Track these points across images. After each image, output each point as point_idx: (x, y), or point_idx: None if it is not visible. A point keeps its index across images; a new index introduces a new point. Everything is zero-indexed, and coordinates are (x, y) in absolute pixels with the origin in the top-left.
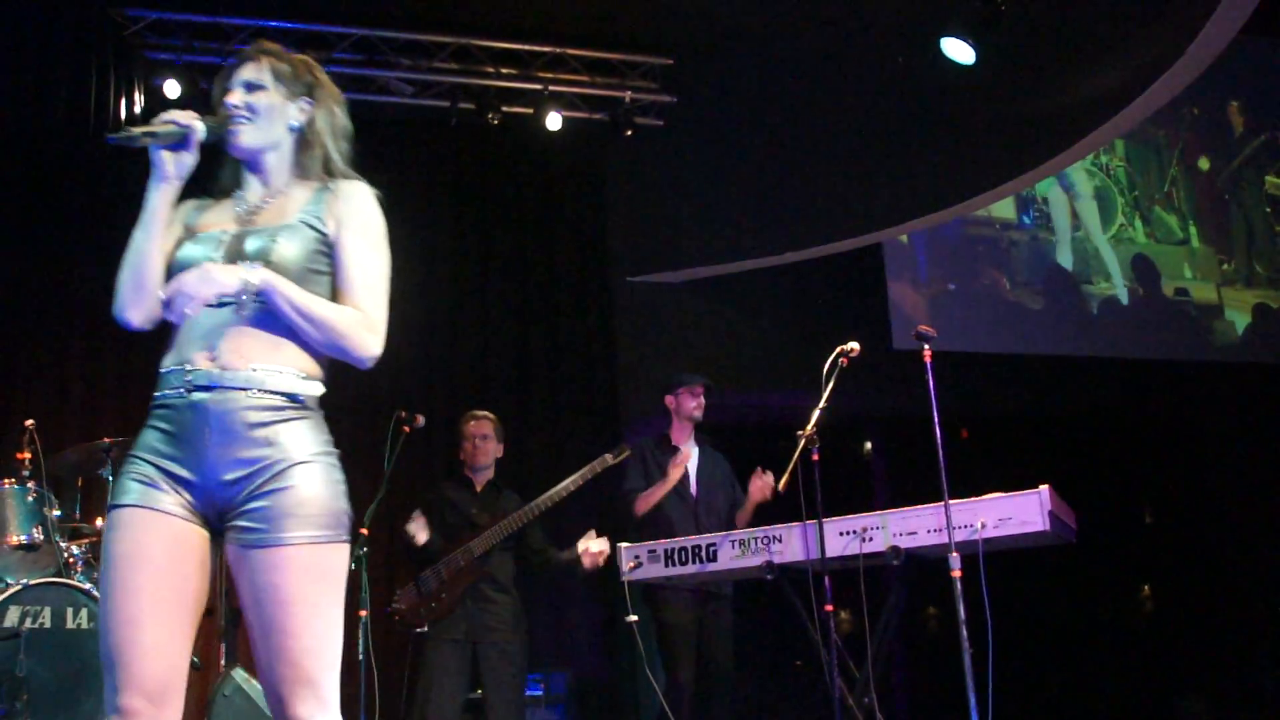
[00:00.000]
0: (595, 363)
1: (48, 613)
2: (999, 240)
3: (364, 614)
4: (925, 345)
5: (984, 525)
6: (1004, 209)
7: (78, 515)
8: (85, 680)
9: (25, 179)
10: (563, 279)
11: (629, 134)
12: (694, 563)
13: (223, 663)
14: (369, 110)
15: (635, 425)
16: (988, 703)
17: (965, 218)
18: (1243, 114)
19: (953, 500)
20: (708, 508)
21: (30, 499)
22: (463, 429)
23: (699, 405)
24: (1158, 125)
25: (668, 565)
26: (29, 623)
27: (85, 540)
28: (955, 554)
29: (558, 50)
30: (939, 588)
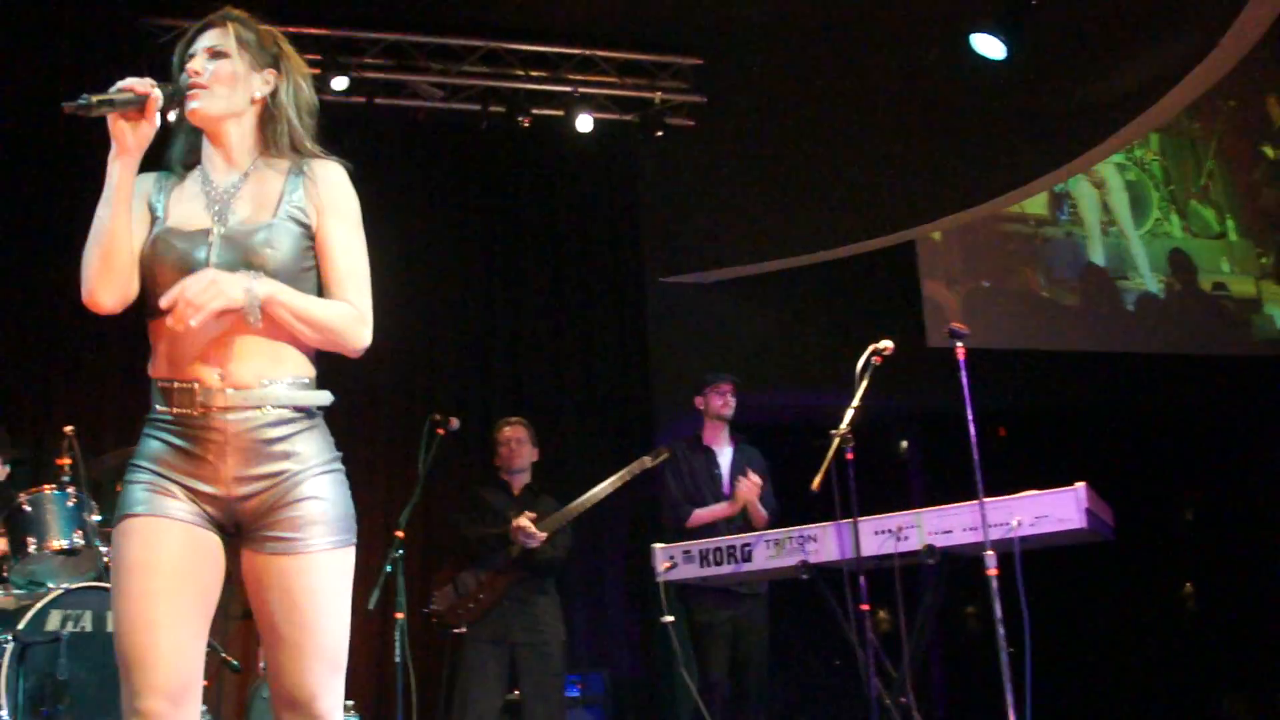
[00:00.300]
0: (628, 364)
1: (88, 616)
2: (1033, 237)
3: (400, 616)
4: (959, 342)
5: (1020, 523)
6: (1037, 205)
7: None
8: None
9: (63, 189)
10: (595, 280)
11: (659, 135)
12: (729, 563)
13: (261, 665)
14: (400, 115)
15: (668, 426)
16: (1026, 702)
17: (999, 214)
18: None
19: (988, 498)
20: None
21: (70, 504)
22: (496, 434)
23: (725, 403)
24: (1193, 118)
25: (702, 565)
26: (70, 626)
27: None
28: (991, 552)
29: (587, 52)
30: (976, 586)
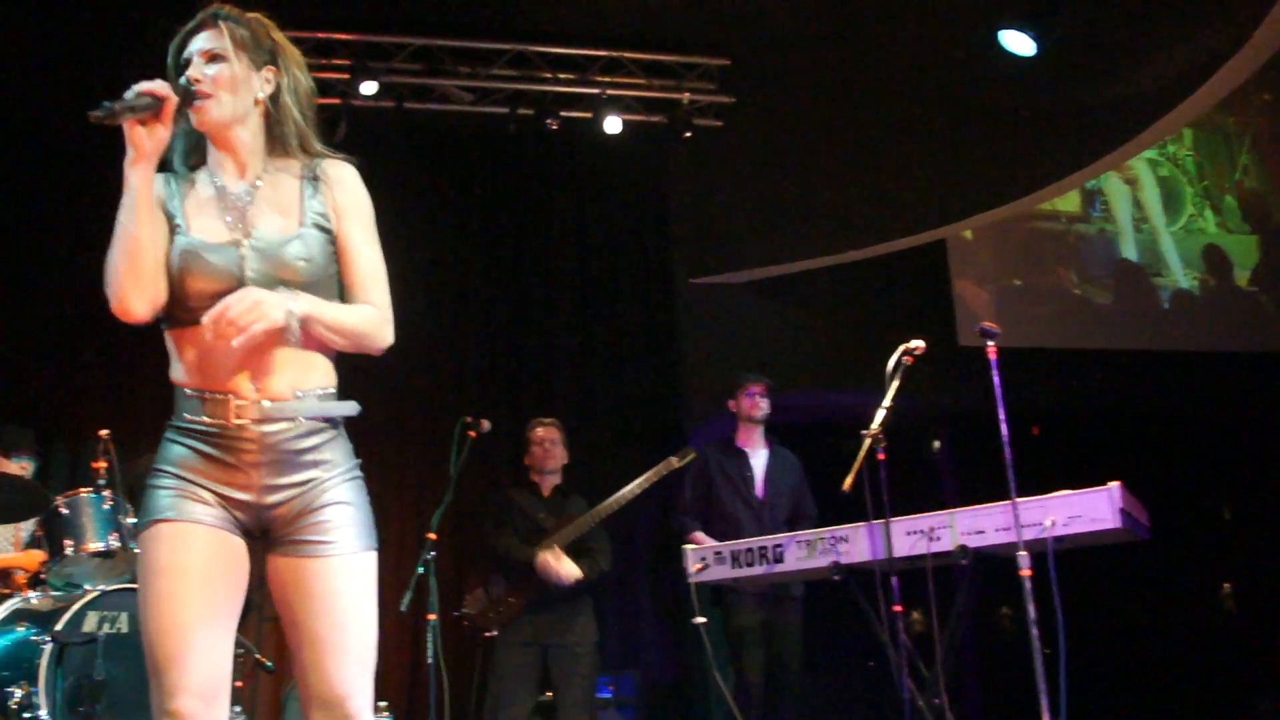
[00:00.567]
0: (658, 365)
1: (124, 618)
2: (1065, 234)
3: (433, 617)
4: (990, 341)
5: (1053, 523)
6: (1069, 202)
7: None
8: None
9: (105, 194)
10: (624, 282)
11: (688, 136)
12: (760, 564)
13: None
14: (429, 119)
15: (699, 427)
16: (1061, 704)
17: (1030, 212)
18: None
19: (1021, 498)
20: (773, 510)
21: (106, 507)
22: (529, 434)
23: (755, 405)
24: (1227, 112)
25: (734, 567)
26: (106, 628)
27: None
28: (1024, 553)
29: (615, 54)
30: (1009, 587)
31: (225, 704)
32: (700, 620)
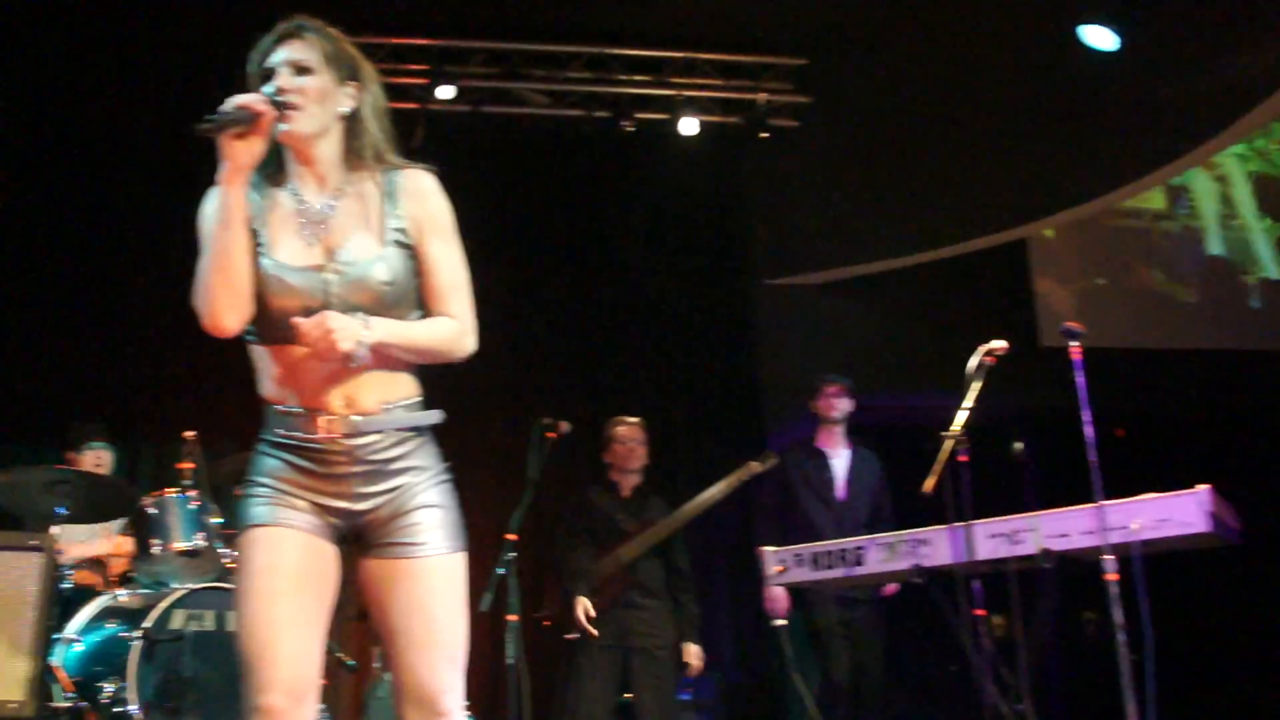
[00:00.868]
0: (736, 367)
1: (210, 616)
2: (1150, 231)
3: (513, 618)
4: (1074, 342)
5: (1140, 527)
6: (1153, 199)
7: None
8: None
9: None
10: (701, 284)
11: (764, 136)
12: (840, 566)
13: (375, 665)
14: (505, 122)
15: (778, 430)
16: (1148, 712)
17: (1113, 209)
18: None
19: (1107, 501)
20: (854, 512)
21: (192, 507)
22: (611, 433)
23: (830, 405)
24: None
25: (814, 569)
26: (193, 625)
27: None
28: (1110, 556)
29: (690, 55)
30: (1094, 591)
31: (314, 703)
32: (780, 622)
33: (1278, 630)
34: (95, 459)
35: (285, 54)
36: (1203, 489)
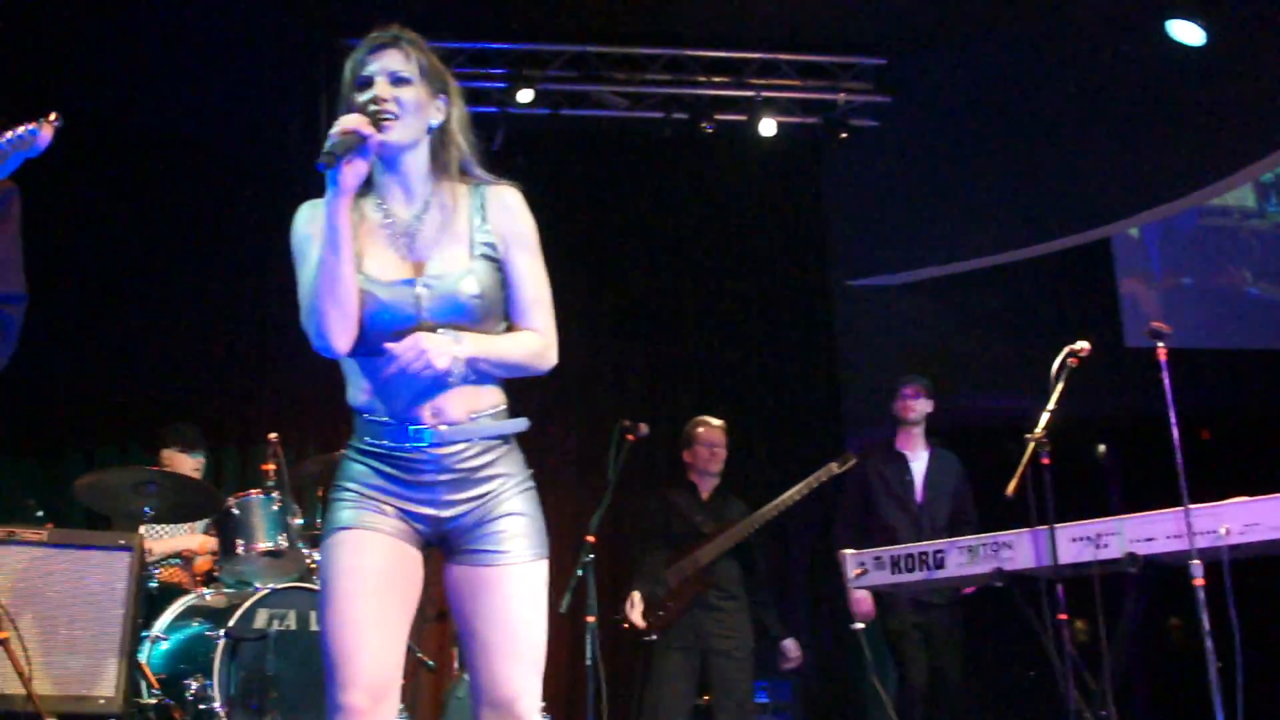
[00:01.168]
0: (816, 368)
1: (293, 615)
2: (1238, 230)
3: (592, 620)
4: (1160, 342)
5: (1228, 531)
6: (1242, 197)
7: (318, 523)
8: None
9: (264, 205)
10: (781, 285)
11: (843, 136)
12: (920, 570)
13: (455, 666)
14: (584, 125)
15: (857, 431)
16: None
17: (1200, 208)
18: None
19: (1194, 504)
20: (932, 515)
21: (275, 508)
22: (693, 433)
23: (908, 407)
24: None
25: (894, 572)
26: (276, 624)
27: None
28: (1197, 561)
29: (769, 56)
30: (1181, 597)
31: (394, 704)
32: (859, 625)
33: None
34: (195, 465)
35: (382, 63)
36: None
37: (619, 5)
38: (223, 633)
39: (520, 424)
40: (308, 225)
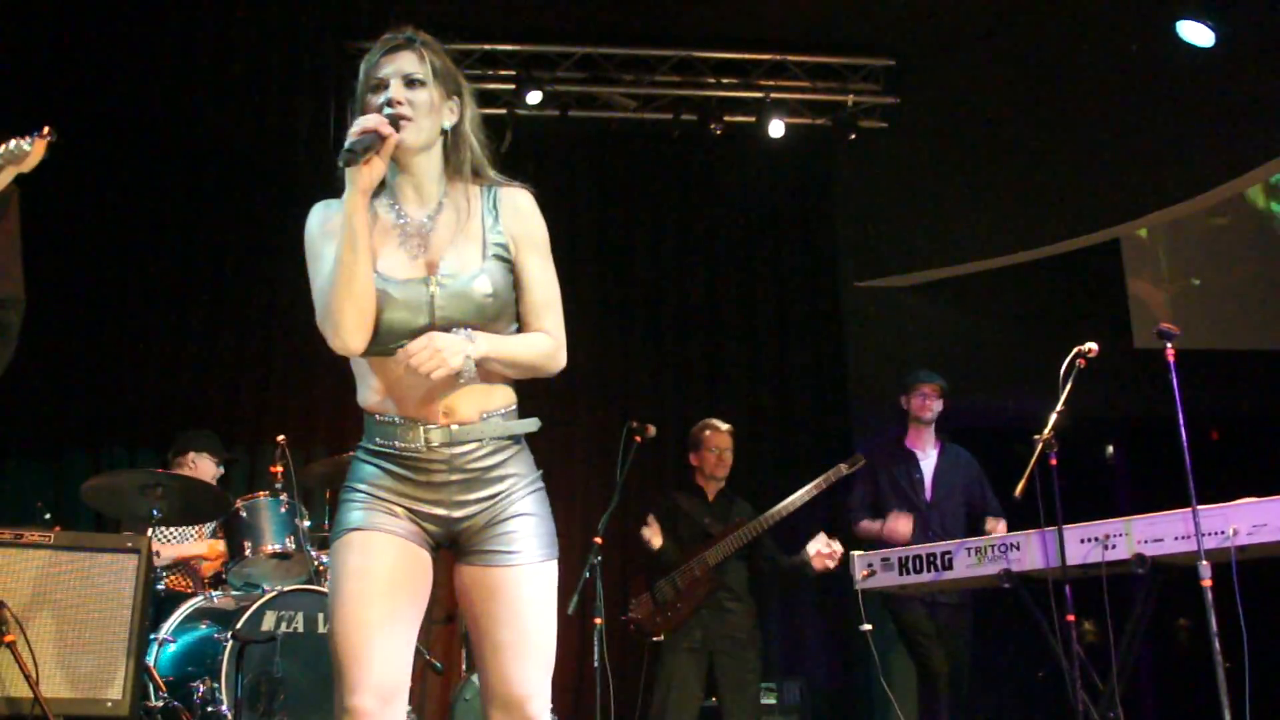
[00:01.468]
0: (825, 369)
1: (300, 617)
2: (1246, 231)
3: (599, 621)
4: (1168, 343)
5: (1236, 532)
6: (1252, 197)
7: (326, 525)
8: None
9: (273, 207)
10: (790, 285)
11: (852, 137)
12: (929, 571)
13: (463, 668)
14: (593, 126)
15: (866, 431)
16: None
17: (1208, 208)
18: None
19: (1202, 505)
20: (940, 514)
21: (283, 510)
22: (700, 437)
23: (924, 405)
24: None
25: (902, 573)
26: (283, 627)
27: None
28: (1205, 562)
29: (778, 57)
30: (1189, 598)
31: (403, 705)
32: (867, 627)
33: None
34: (217, 472)
35: (397, 65)
36: None
37: (628, 7)
38: (230, 635)
39: (531, 424)
40: (322, 225)
